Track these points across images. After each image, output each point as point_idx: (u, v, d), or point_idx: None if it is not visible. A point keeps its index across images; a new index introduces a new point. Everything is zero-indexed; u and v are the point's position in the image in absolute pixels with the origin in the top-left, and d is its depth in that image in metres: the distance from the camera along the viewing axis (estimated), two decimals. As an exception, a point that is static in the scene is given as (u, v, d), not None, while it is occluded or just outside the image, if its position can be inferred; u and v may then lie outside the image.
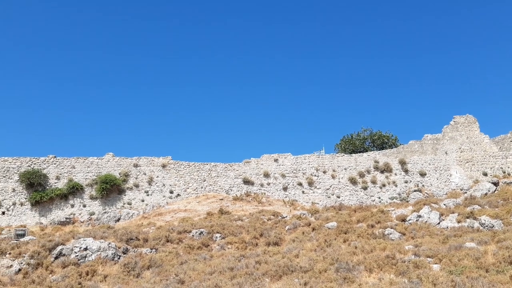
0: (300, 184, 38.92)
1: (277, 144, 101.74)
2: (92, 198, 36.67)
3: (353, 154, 41.68)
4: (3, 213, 35.30)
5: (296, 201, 37.68)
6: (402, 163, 40.08)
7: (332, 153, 42.06)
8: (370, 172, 39.81)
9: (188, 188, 38.12)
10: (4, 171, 36.48)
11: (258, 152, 76.76)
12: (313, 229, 25.69)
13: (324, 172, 39.55)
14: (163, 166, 38.55)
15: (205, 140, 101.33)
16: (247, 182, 38.67)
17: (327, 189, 38.94)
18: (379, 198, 38.66)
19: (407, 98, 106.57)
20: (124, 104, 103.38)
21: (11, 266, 21.15)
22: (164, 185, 37.94)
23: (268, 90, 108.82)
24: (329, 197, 38.48)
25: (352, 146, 47.53)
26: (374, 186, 39.28)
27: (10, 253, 22.70)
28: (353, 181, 39.23)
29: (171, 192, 37.69)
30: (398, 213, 27.94)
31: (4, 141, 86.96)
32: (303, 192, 38.64)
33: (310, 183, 38.94)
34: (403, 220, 26.19)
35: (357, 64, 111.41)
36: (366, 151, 45.05)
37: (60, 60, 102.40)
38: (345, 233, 23.83)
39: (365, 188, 39.07)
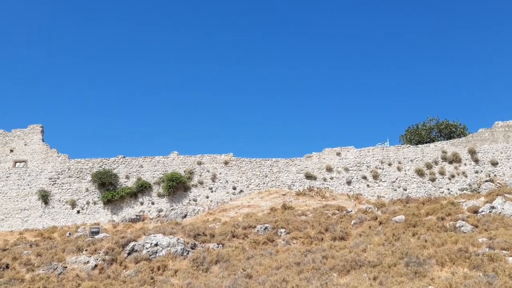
0: (364, 177, 38.16)
1: (339, 138, 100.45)
2: (159, 195, 37.97)
3: (419, 145, 40.28)
4: (78, 212, 37.37)
5: (361, 195, 37.00)
6: (472, 152, 38.23)
7: (397, 145, 40.86)
8: (437, 163, 38.32)
9: (250, 184, 38.50)
10: (78, 172, 38.59)
11: (319, 146, 76.37)
12: (380, 223, 25.11)
13: (389, 164, 38.53)
14: (226, 163, 39.18)
15: (265, 136, 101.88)
16: (309, 177, 38.45)
17: (393, 182, 37.91)
18: (448, 189, 37.12)
19: (475, 83, 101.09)
20: (185, 105, 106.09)
21: (87, 262, 22.26)
22: (227, 181, 38.55)
23: (327, 81, 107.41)
24: (395, 190, 37.44)
25: (418, 137, 45.90)
26: (443, 178, 37.76)
27: (86, 250, 23.97)
28: (420, 173, 37.93)
29: (234, 188, 38.23)
30: (469, 205, 26.64)
31: (77, 144, 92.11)
32: (367, 185, 37.87)
33: (375, 176, 38.08)
34: (475, 212, 24.94)
35: (420, 46, 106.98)
36: (433, 141, 43.34)
37: (125, 69, 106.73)
38: (414, 227, 23.07)
39: (433, 180, 37.65)
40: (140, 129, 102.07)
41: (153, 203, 37.76)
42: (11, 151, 39.27)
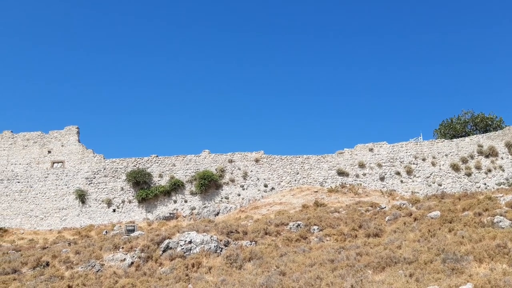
0: (397, 173, 37.57)
1: (371, 133, 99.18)
2: (192, 193, 38.43)
3: (454, 139, 39.36)
4: (114, 210, 38.23)
5: (394, 191, 36.45)
6: (509, 146, 37.09)
7: (431, 139, 40.03)
8: (473, 157, 37.36)
9: (281, 181, 38.49)
10: (113, 172, 39.47)
11: (351, 142, 75.60)
12: (415, 219, 24.65)
13: (423, 159, 37.80)
14: (256, 160, 39.28)
15: (295, 134, 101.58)
16: (341, 173, 38.14)
17: (427, 177, 37.19)
18: (485, 184, 36.14)
19: (511, 75, 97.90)
20: (215, 104, 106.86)
21: (124, 259, 22.71)
22: (258, 179, 38.66)
23: (359, 78, 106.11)
24: (430, 185, 36.72)
25: (453, 131, 44.83)
26: (479, 172, 36.80)
27: (123, 248, 24.47)
28: (455, 168, 37.06)
29: (266, 185, 38.30)
30: (507, 199, 25.81)
31: (111, 144, 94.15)
32: (401, 181, 37.28)
33: (409, 172, 37.44)
34: (514, 207, 24.18)
35: (453, 39, 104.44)
36: (468, 135, 42.27)
37: (159, 69, 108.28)
38: (450, 222, 22.55)
39: (468, 175, 36.73)
40: (172, 128, 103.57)
41: (186, 201, 38.25)
42: (49, 152, 40.51)
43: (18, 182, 39.73)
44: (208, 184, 38.18)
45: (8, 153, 40.81)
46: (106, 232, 33.68)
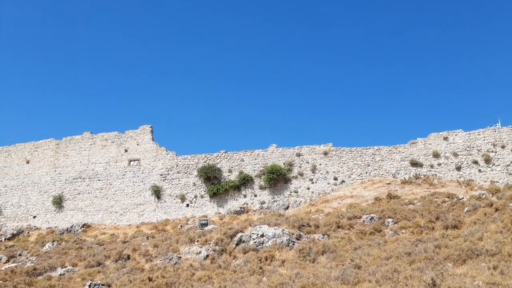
0: (475, 162, 35.68)
1: (444, 121, 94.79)
2: (261, 188, 38.80)
3: (537, 124, 36.74)
4: (187, 205, 39.48)
5: (472, 180, 34.61)
6: None
7: (511, 125, 37.58)
8: (560, 143, 34.66)
9: (352, 174, 37.84)
10: (185, 168, 40.76)
11: (423, 131, 72.70)
12: (496, 210, 23.31)
13: (503, 147, 35.61)
14: (325, 153, 38.88)
15: (364, 124, 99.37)
16: (414, 164, 36.83)
17: (507, 165, 35.00)
18: None
19: None
20: (282, 98, 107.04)
21: (199, 252, 23.41)
22: (327, 172, 38.26)
23: (429, 61, 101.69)
24: (511, 174, 34.53)
25: (535, 116, 41.85)
26: None
27: (198, 241, 25.23)
28: (539, 155, 34.59)
29: (335, 179, 37.83)
30: None
31: (181, 141, 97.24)
32: (479, 170, 35.37)
33: (487, 160, 35.43)
34: None
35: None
36: (554, 119, 39.27)
37: (234, 63, 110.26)
38: (536, 213, 21.14)
39: (556, 162, 34.14)
40: (239, 123, 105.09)
41: (255, 196, 38.68)
42: (126, 151, 42.56)
43: (99, 180, 42.12)
44: (277, 178, 38.33)
45: (89, 153, 43.37)
46: (181, 226, 34.87)
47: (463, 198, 28.13)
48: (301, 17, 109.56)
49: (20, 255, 31.13)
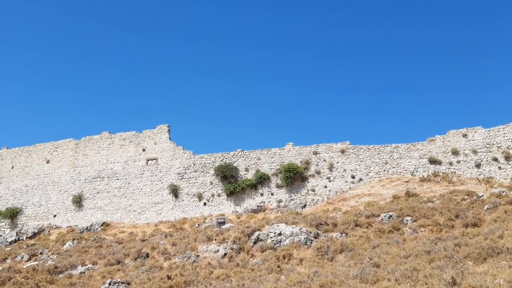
0: (495, 159, 35.11)
1: (463, 118, 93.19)
2: (278, 186, 38.76)
3: (560, 120, 35.96)
4: (205, 204, 39.66)
5: (492, 178, 34.06)
6: None
7: (532, 122, 36.90)
8: None
9: (369, 172, 37.57)
10: (202, 167, 40.96)
11: (442, 128, 71.84)
12: (518, 208, 22.95)
13: (524, 143, 34.98)
14: (342, 151, 38.67)
15: (382, 122, 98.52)
16: (433, 161, 36.40)
17: (530, 163, 34.38)
18: None
19: None
20: (298, 96, 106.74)
21: (217, 251, 23.54)
22: (345, 170, 38.06)
23: (448, 58, 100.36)
24: (533, 171, 33.91)
25: (558, 112, 41.02)
26: None
27: (215, 239, 25.37)
28: (562, 152, 33.87)
29: (353, 177, 37.60)
30: None
31: (198, 140, 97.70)
32: (499, 168, 34.80)
33: (507, 158, 34.83)
34: None
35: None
36: None
37: (248, 61, 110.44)
38: (559, 211, 20.75)
39: None
40: (255, 121, 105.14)
41: (272, 194, 38.66)
42: (143, 150, 42.94)
43: (117, 179, 42.59)
44: (294, 177, 38.25)
45: (107, 153, 43.88)
46: (198, 224, 35.06)
47: (483, 195, 27.73)
48: (322, 15, 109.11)
49: (41, 253, 31.68)
